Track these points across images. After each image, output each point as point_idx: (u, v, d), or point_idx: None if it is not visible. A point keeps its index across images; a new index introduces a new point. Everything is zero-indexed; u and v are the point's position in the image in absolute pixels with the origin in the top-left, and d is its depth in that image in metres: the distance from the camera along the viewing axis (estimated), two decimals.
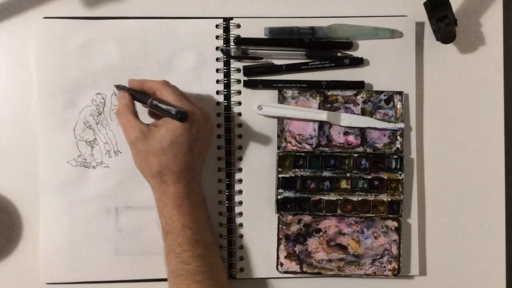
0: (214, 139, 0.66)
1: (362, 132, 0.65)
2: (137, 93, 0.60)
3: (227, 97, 0.66)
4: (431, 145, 0.67)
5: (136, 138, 0.57)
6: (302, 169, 0.65)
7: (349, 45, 0.66)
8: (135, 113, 0.59)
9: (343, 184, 0.65)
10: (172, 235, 0.58)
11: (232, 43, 0.66)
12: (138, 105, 0.61)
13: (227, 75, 0.66)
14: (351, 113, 0.65)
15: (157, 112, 0.59)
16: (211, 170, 0.66)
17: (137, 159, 0.59)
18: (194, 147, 0.58)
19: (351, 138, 0.65)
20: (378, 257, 0.65)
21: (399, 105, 0.65)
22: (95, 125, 0.66)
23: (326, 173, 0.65)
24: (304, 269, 0.65)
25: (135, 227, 0.65)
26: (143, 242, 0.65)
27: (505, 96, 0.67)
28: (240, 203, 0.66)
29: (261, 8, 0.67)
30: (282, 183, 0.65)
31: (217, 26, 0.66)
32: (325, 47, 0.66)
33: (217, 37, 0.66)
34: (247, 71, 0.66)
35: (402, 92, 0.65)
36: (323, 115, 0.64)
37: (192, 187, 0.59)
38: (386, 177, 0.65)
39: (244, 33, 0.66)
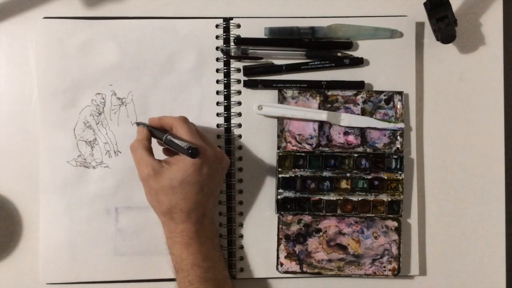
0: (214, 139, 0.66)
1: (362, 132, 0.65)
2: (155, 130, 0.61)
3: (227, 97, 0.66)
4: (431, 145, 0.67)
5: (148, 176, 0.57)
6: (302, 169, 0.65)
7: (349, 45, 0.66)
8: (149, 150, 0.59)
9: (343, 184, 0.65)
10: (182, 273, 0.58)
11: (232, 43, 0.66)
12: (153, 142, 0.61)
13: (227, 75, 0.66)
14: (351, 113, 0.65)
15: (171, 148, 0.59)
16: None
17: (148, 196, 0.59)
18: (205, 186, 0.58)
19: (351, 138, 0.65)
20: (378, 257, 0.65)
21: (399, 105, 0.65)
22: (95, 125, 0.66)
23: (326, 173, 0.65)
24: (304, 269, 0.65)
25: (135, 227, 0.65)
26: (143, 242, 0.65)
27: (505, 96, 0.67)
28: (240, 203, 0.66)
29: (261, 8, 0.67)
30: (282, 183, 0.65)
31: (217, 26, 0.66)
32: (325, 47, 0.66)
33: (217, 37, 0.66)
34: (247, 71, 0.66)
35: (402, 92, 0.65)
36: (323, 115, 0.64)
37: (203, 225, 0.59)
38: (386, 177, 0.65)
39: (244, 33, 0.66)
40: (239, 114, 0.66)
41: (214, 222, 0.62)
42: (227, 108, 0.66)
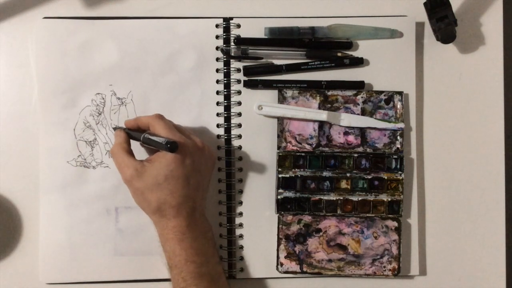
0: (214, 140, 0.66)
1: (362, 132, 0.65)
2: (132, 131, 0.61)
3: (227, 97, 0.66)
4: (431, 145, 0.67)
5: (131, 177, 0.57)
6: (302, 169, 0.65)
7: (349, 45, 0.66)
8: (129, 152, 0.59)
9: (343, 184, 0.65)
10: (176, 269, 0.58)
11: (232, 43, 0.66)
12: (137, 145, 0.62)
13: (227, 75, 0.66)
14: (351, 113, 0.65)
15: (151, 147, 0.59)
16: None
17: (135, 197, 0.59)
18: (191, 179, 0.58)
19: (351, 138, 0.65)
20: (378, 257, 0.65)
21: (399, 105, 0.65)
22: (95, 125, 0.66)
23: (326, 173, 0.65)
24: (304, 269, 0.65)
25: (135, 227, 0.65)
26: (143, 242, 0.65)
27: (505, 96, 0.67)
28: (240, 203, 0.66)
29: (261, 8, 0.67)
30: (282, 183, 0.65)
31: (217, 26, 0.66)
32: (325, 47, 0.66)
33: (217, 37, 0.66)
34: (247, 71, 0.66)
35: (402, 92, 0.65)
36: (323, 115, 0.64)
37: (194, 219, 0.59)
38: (386, 177, 0.65)
39: (244, 33, 0.66)
40: (239, 114, 0.66)
41: (205, 216, 0.62)
42: (227, 108, 0.66)
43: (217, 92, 0.66)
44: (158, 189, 0.57)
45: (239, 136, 0.66)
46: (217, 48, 0.66)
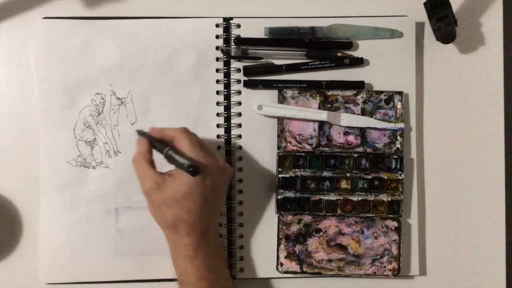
0: (214, 140, 0.66)
1: (362, 132, 0.65)
2: (156, 141, 0.59)
3: (227, 97, 0.66)
4: (431, 145, 0.67)
5: (150, 189, 0.56)
6: (302, 169, 0.65)
7: (349, 45, 0.66)
8: (151, 163, 0.58)
9: (343, 184, 0.65)
10: (187, 285, 0.58)
11: (232, 43, 0.66)
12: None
13: (227, 75, 0.66)
14: (351, 113, 0.65)
15: (171, 164, 0.58)
16: None
17: (151, 209, 0.58)
18: (210, 198, 0.57)
19: (351, 138, 0.65)
20: (378, 257, 0.65)
21: (399, 105, 0.65)
22: (95, 125, 0.66)
23: (326, 173, 0.65)
24: (304, 269, 0.65)
25: (135, 228, 0.65)
26: (143, 242, 0.65)
27: (505, 96, 0.67)
28: (240, 203, 0.66)
29: (261, 8, 0.67)
30: (282, 183, 0.65)
31: (217, 26, 0.66)
32: (325, 47, 0.66)
33: (217, 37, 0.66)
34: (247, 71, 0.66)
35: (402, 92, 0.65)
36: (323, 115, 0.64)
37: (207, 237, 0.58)
38: (386, 177, 0.65)
39: (244, 33, 0.66)
40: (239, 114, 0.66)
41: (218, 233, 0.61)
42: (227, 108, 0.66)
43: (217, 92, 0.66)
44: (176, 205, 0.56)
45: (239, 136, 0.66)
46: (217, 48, 0.66)
